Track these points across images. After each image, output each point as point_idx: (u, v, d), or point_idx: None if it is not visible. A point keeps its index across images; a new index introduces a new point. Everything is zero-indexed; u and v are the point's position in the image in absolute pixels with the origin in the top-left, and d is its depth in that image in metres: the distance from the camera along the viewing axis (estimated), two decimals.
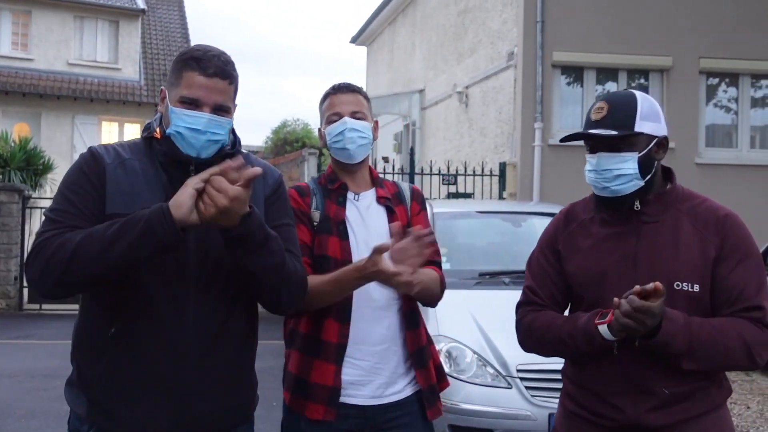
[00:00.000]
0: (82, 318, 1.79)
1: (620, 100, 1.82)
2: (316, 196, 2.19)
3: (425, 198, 2.36)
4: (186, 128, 1.67)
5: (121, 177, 1.70)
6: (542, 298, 1.94)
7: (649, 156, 1.79)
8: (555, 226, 2.00)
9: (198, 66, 1.69)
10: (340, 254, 2.10)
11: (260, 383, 2.02)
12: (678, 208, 1.82)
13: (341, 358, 2.07)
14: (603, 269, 1.82)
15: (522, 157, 9.81)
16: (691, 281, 1.74)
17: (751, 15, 10.09)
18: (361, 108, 2.19)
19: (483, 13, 11.40)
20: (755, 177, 10.03)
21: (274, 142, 25.82)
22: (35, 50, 20.10)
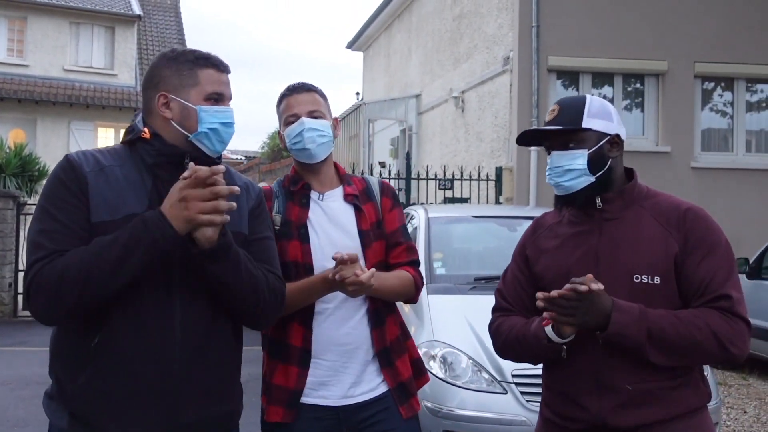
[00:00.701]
0: (59, 329, 1.73)
1: (570, 101, 1.91)
2: (278, 199, 2.17)
3: (396, 193, 2.35)
4: (220, 123, 1.72)
5: (103, 184, 1.66)
6: (510, 303, 1.99)
7: (601, 153, 1.84)
8: (525, 234, 2.07)
9: (211, 63, 1.76)
10: (301, 257, 2.08)
11: (255, 390, 2.01)
12: (641, 204, 1.87)
13: (306, 362, 2.07)
14: (567, 267, 1.85)
15: (518, 161, 9.81)
16: (650, 274, 1.76)
17: (745, 19, 10.11)
18: (318, 107, 2.16)
19: (478, 18, 11.42)
20: (751, 181, 10.03)
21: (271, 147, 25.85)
22: (31, 56, 20.08)
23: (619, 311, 1.69)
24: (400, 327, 2.24)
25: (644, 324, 1.69)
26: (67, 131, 19.85)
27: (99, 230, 1.62)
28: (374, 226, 2.19)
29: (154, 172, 1.71)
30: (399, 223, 2.26)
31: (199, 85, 1.72)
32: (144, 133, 1.73)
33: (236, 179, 1.87)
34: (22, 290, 1.64)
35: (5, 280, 10.04)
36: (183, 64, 1.74)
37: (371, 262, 2.11)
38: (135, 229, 1.58)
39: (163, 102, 1.74)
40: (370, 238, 2.16)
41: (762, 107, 10.77)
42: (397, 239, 2.22)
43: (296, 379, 2.07)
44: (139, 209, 1.65)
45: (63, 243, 1.60)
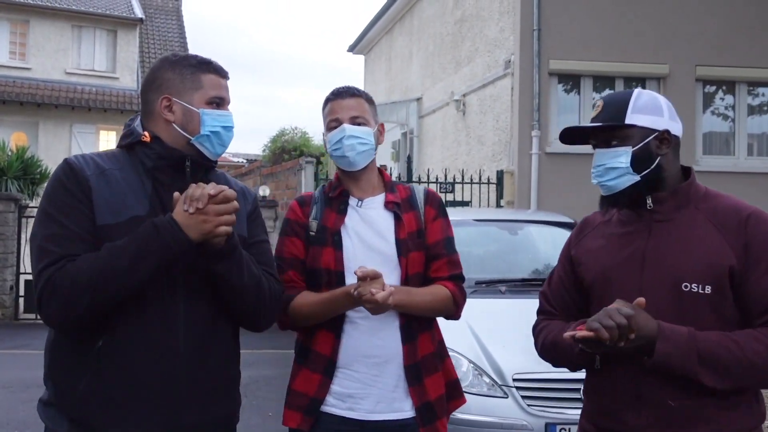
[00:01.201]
0: (57, 334, 1.71)
1: (615, 96, 1.82)
2: (317, 205, 2.14)
3: (442, 201, 2.25)
4: (222, 127, 1.75)
5: (104, 187, 1.67)
6: (554, 307, 1.93)
7: (648, 150, 1.73)
8: (572, 234, 1.98)
9: (213, 69, 1.79)
10: (333, 265, 2.04)
11: (256, 392, 2.00)
12: (696, 206, 1.73)
13: (331, 371, 2.03)
14: (610, 268, 1.77)
15: (519, 165, 9.81)
16: (701, 282, 1.63)
17: (746, 23, 10.11)
18: (361, 113, 2.11)
19: (480, 21, 11.43)
20: (753, 184, 10.01)
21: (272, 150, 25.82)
22: (33, 59, 20.13)
23: (664, 340, 1.57)
24: (435, 345, 2.14)
25: (693, 350, 1.57)
26: (69, 134, 19.88)
27: (103, 233, 1.63)
28: (414, 236, 2.10)
29: (153, 176, 1.72)
30: (442, 234, 2.15)
31: (202, 89, 1.75)
32: (144, 137, 1.73)
33: (232, 184, 1.90)
34: (35, 297, 1.62)
35: (6, 283, 10.04)
36: (185, 68, 1.76)
37: (407, 273, 2.06)
38: (147, 236, 1.59)
39: (166, 105, 1.75)
40: (407, 248, 2.07)
41: (764, 110, 10.76)
42: (438, 251, 2.12)
43: (318, 386, 2.03)
44: (142, 212, 1.66)
45: (70, 248, 1.60)
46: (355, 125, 2.09)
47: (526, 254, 5.21)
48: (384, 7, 15.97)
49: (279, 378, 6.56)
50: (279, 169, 11.99)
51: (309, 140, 26.64)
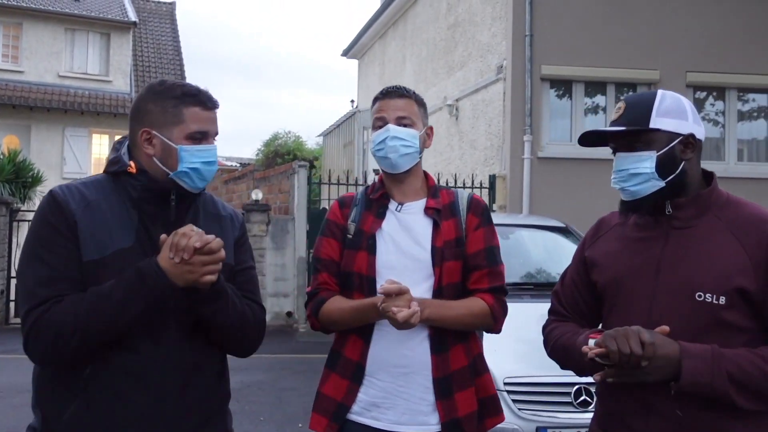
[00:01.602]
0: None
1: (638, 98, 1.73)
2: (357, 207, 2.10)
3: (488, 208, 2.15)
4: (202, 163, 1.70)
5: (90, 220, 1.64)
6: (566, 308, 1.89)
7: (672, 155, 1.66)
8: (587, 233, 1.92)
9: (198, 101, 1.72)
10: (366, 269, 2.00)
11: (249, 397, 2.00)
12: (717, 214, 1.67)
13: (359, 377, 1.99)
14: (623, 273, 1.72)
15: (511, 169, 9.85)
16: (716, 293, 1.57)
17: (737, 29, 10.19)
18: (409, 114, 2.06)
19: (472, 26, 11.48)
20: (743, 189, 9.97)
21: (265, 154, 25.84)
22: (26, 62, 20.08)
23: (689, 357, 1.50)
24: (471, 358, 2.04)
25: (722, 367, 1.51)
26: (61, 137, 19.82)
27: (90, 268, 1.62)
28: (451, 244, 2.01)
29: (139, 206, 1.70)
30: (484, 244, 2.05)
31: (183, 123, 1.69)
32: (130, 167, 1.70)
33: (221, 209, 1.89)
34: (22, 334, 1.64)
35: None
36: (168, 100, 1.70)
37: (441, 283, 1.99)
38: (131, 283, 1.58)
39: (146, 138, 1.71)
40: (443, 256, 1.99)
41: (753, 117, 10.84)
42: (477, 262, 2.03)
43: (345, 392, 1.99)
44: (127, 244, 1.65)
45: (58, 289, 1.59)
46: (401, 126, 2.04)
47: (517, 258, 5.23)
48: (377, 12, 16.01)
49: (271, 383, 6.57)
50: (272, 173, 11.99)
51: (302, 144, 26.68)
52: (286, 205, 10.64)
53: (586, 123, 10.22)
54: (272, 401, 5.88)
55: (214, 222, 1.83)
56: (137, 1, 24.01)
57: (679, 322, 1.59)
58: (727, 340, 1.57)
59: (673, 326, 1.58)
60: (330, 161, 17.37)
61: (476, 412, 2.00)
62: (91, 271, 1.61)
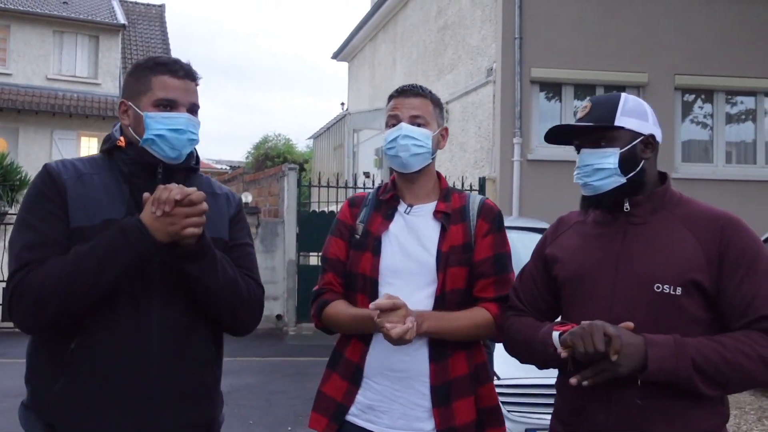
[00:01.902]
0: (35, 336, 1.73)
1: (604, 99, 1.82)
2: (366, 207, 2.08)
3: (500, 215, 2.11)
4: (168, 130, 1.69)
5: (81, 190, 1.67)
6: (523, 303, 1.92)
7: (634, 153, 1.75)
8: (547, 232, 1.98)
9: (168, 69, 1.72)
10: (369, 271, 1.97)
11: (238, 401, 1.98)
12: (672, 211, 1.76)
13: (358, 379, 1.97)
14: (583, 269, 1.78)
15: (501, 171, 9.88)
16: (673, 283, 1.65)
17: (725, 33, 10.28)
18: (423, 113, 2.03)
19: (462, 29, 11.51)
20: (731, 191, 10.15)
21: (255, 157, 25.78)
22: (13, 65, 19.94)
23: (653, 345, 1.57)
24: (472, 367, 1.99)
25: (686, 355, 1.57)
26: (49, 140, 19.69)
27: (78, 235, 1.63)
28: (458, 250, 1.97)
29: (130, 180, 1.72)
30: (493, 251, 2.00)
31: (150, 91, 1.71)
32: (119, 141, 1.74)
33: (216, 188, 1.91)
34: (5, 301, 1.64)
35: None
36: (141, 71, 1.74)
37: (444, 289, 1.95)
38: (113, 238, 1.58)
39: (123, 109, 1.76)
40: (447, 262, 1.95)
41: (741, 119, 10.93)
42: (484, 270, 1.98)
43: (345, 392, 1.98)
44: (117, 215, 1.67)
45: (43, 253, 1.60)
46: (414, 125, 2.01)
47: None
48: (368, 14, 16.03)
49: (261, 386, 6.54)
50: (262, 175, 11.96)
51: (293, 147, 26.64)
52: (275, 207, 10.62)
53: None
54: (262, 404, 5.86)
55: (209, 199, 1.82)
56: (126, 4, 23.91)
57: (639, 314, 1.66)
58: (685, 330, 1.64)
59: (634, 317, 1.65)
60: (320, 164, 17.35)
61: (475, 422, 1.96)
62: (79, 239, 1.62)
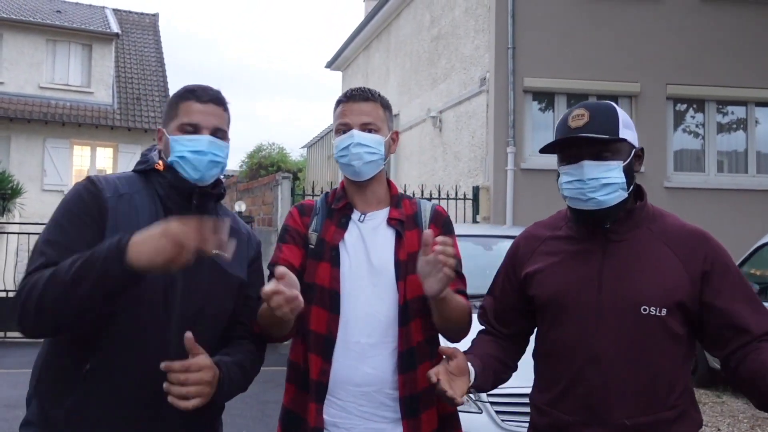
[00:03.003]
0: (48, 350, 1.69)
1: (600, 108, 1.73)
2: (317, 215, 2.00)
3: (449, 220, 2.06)
4: (189, 151, 1.72)
5: (119, 211, 1.67)
6: (493, 322, 1.93)
7: (631, 166, 1.72)
8: (516, 249, 1.93)
9: (193, 96, 1.78)
10: (328, 282, 1.88)
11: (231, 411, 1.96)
12: (649, 227, 1.72)
13: (321, 397, 1.88)
14: (564, 287, 1.73)
15: (495, 180, 9.90)
16: (658, 305, 1.63)
17: (717, 43, 10.36)
18: (374, 119, 1.96)
19: (455, 39, 11.56)
20: (723, 201, 10.22)
21: (249, 166, 25.75)
22: (6, 73, 19.87)
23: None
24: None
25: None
26: (42, 149, 19.61)
27: None
28: (415, 257, 1.87)
29: (165, 204, 1.74)
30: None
31: (177, 117, 1.76)
32: (158, 165, 1.77)
33: (241, 226, 1.93)
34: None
35: None
36: (174, 99, 1.80)
37: (406, 297, 1.89)
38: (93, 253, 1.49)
39: (159, 136, 1.82)
40: (406, 270, 1.89)
41: (732, 128, 11.00)
42: None
43: (315, 415, 1.87)
44: None
45: (60, 256, 1.54)
46: (366, 132, 1.94)
47: None
48: (361, 24, 16.08)
49: (254, 396, 6.50)
50: (255, 184, 11.94)
51: (286, 156, 26.63)
52: (269, 216, 10.60)
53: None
54: (255, 414, 5.83)
55: (233, 235, 1.78)
56: (120, 13, 23.91)
57: (626, 335, 1.65)
58: (668, 350, 1.66)
59: (621, 339, 1.65)
60: (314, 173, 17.34)
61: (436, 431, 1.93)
62: None
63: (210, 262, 1.68)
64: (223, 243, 1.49)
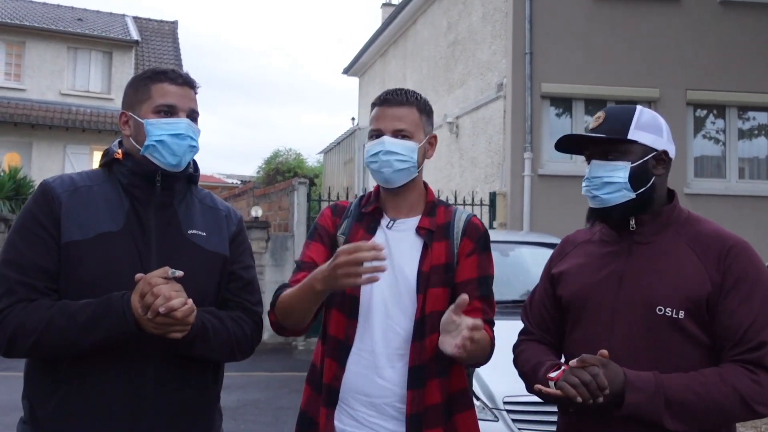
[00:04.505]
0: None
1: (618, 110, 1.78)
2: (348, 218, 1.96)
3: (487, 235, 1.95)
4: (168, 135, 1.68)
5: (76, 203, 1.66)
6: (533, 325, 1.92)
7: (645, 168, 1.71)
8: (554, 252, 1.96)
9: (166, 77, 1.73)
10: (349, 288, 1.80)
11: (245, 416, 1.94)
12: (678, 231, 1.72)
13: (332, 402, 1.85)
14: (588, 287, 1.75)
15: (512, 186, 9.84)
16: (674, 307, 1.62)
17: (737, 47, 10.23)
18: (408, 125, 1.89)
19: (473, 44, 11.53)
20: (744, 207, 10.07)
21: (266, 171, 25.86)
22: (28, 80, 20.18)
23: (632, 391, 1.54)
24: (446, 395, 1.86)
25: (660, 400, 1.55)
26: (62, 155, 19.86)
27: (70, 250, 1.62)
28: (440, 270, 1.85)
29: (130, 192, 1.71)
30: (478, 273, 1.87)
31: (150, 99, 1.71)
32: (117, 154, 1.74)
33: (218, 204, 1.89)
34: None
35: None
36: (141, 81, 1.75)
37: (424, 312, 1.82)
38: (98, 309, 1.56)
39: (124, 120, 1.76)
40: (427, 282, 1.83)
41: (754, 135, 10.85)
42: (467, 292, 1.75)
43: (326, 420, 1.85)
44: (114, 228, 1.66)
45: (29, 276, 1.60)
46: (397, 138, 1.88)
47: (517, 276, 5.20)
48: (378, 30, 16.11)
49: (268, 402, 6.50)
50: (272, 190, 11.97)
51: (303, 161, 26.71)
52: (285, 222, 10.61)
53: None
54: (269, 420, 5.81)
55: (210, 213, 1.83)
56: (140, 20, 24.17)
57: (640, 336, 1.65)
58: (684, 354, 1.63)
59: (633, 339, 1.64)
60: (330, 178, 17.37)
61: None
62: (73, 253, 1.61)
63: (188, 242, 1.70)
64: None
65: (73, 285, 1.61)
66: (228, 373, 1.90)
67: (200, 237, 1.76)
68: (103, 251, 1.62)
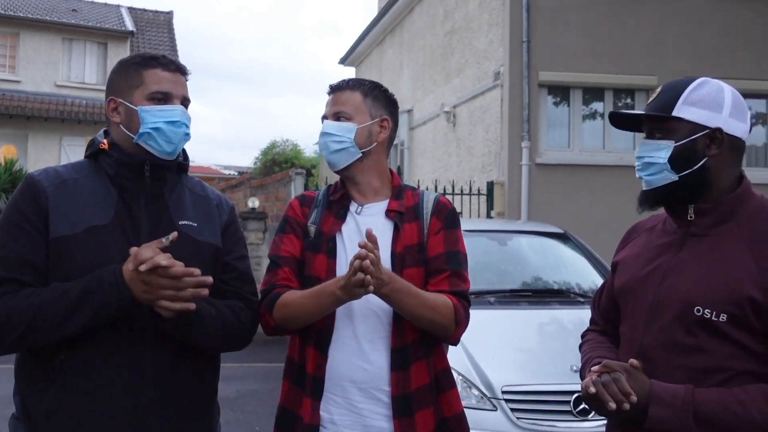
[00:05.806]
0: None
1: (674, 84, 1.63)
2: (317, 208, 1.97)
3: (454, 213, 1.98)
4: (164, 122, 1.64)
5: (63, 197, 1.63)
6: (599, 315, 1.85)
7: (693, 148, 1.53)
8: (622, 237, 1.84)
9: (159, 63, 1.69)
10: (325, 274, 1.84)
11: (243, 407, 1.93)
12: (740, 224, 1.52)
13: (319, 392, 1.84)
14: (633, 281, 1.64)
15: (509, 176, 9.82)
16: (717, 309, 1.45)
17: (735, 35, 10.20)
18: (345, 107, 1.90)
19: (469, 33, 11.48)
20: None
21: (263, 162, 25.81)
22: (23, 72, 20.09)
23: (658, 404, 1.44)
24: (433, 376, 1.88)
25: (688, 413, 1.42)
26: (58, 147, 19.80)
27: (59, 245, 1.59)
28: (413, 250, 1.87)
29: (118, 183, 1.67)
30: (445, 248, 1.89)
31: (143, 85, 1.67)
32: (103, 145, 1.69)
33: (209, 192, 1.86)
34: None
35: None
36: (130, 66, 1.70)
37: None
38: (88, 285, 1.53)
39: (113, 107, 1.71)
40: (404, 263, 1.85)
41: (752, 122, 10.82)
42: (438, 266, 1.86)
43: (311, 411, 1.84)
44: (104, 221, 1.62)
45: (16, 271, 1.57)
46: (333, 121, 1.91)
47: (515, 265, 5.19)
48: (374, 20, 16.03)
49: (267, 392, 6.50)
50: (269, 180, 11.95)
51: (300, 152, 26.65)
52: (282, 213, 10.60)
53: (584, 129, 10.20)
54: (268, 411, 5.81)
55: (201, 202, 1.80)
56: (135, 11, 24.04)
57: (676, 335, 1.52)
58: (729, 362, 1.48)
59: (666, 338, 1.53)
60: (327, 169, 17.35)
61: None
62: (62, 248, 1.58)
63: (180, 234, 1.65)
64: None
65: (63, 281, 1.58)
66: (226, 363, 1.88)
67: (192, 228, 1.73)
68: (93, 245, 1.59)
